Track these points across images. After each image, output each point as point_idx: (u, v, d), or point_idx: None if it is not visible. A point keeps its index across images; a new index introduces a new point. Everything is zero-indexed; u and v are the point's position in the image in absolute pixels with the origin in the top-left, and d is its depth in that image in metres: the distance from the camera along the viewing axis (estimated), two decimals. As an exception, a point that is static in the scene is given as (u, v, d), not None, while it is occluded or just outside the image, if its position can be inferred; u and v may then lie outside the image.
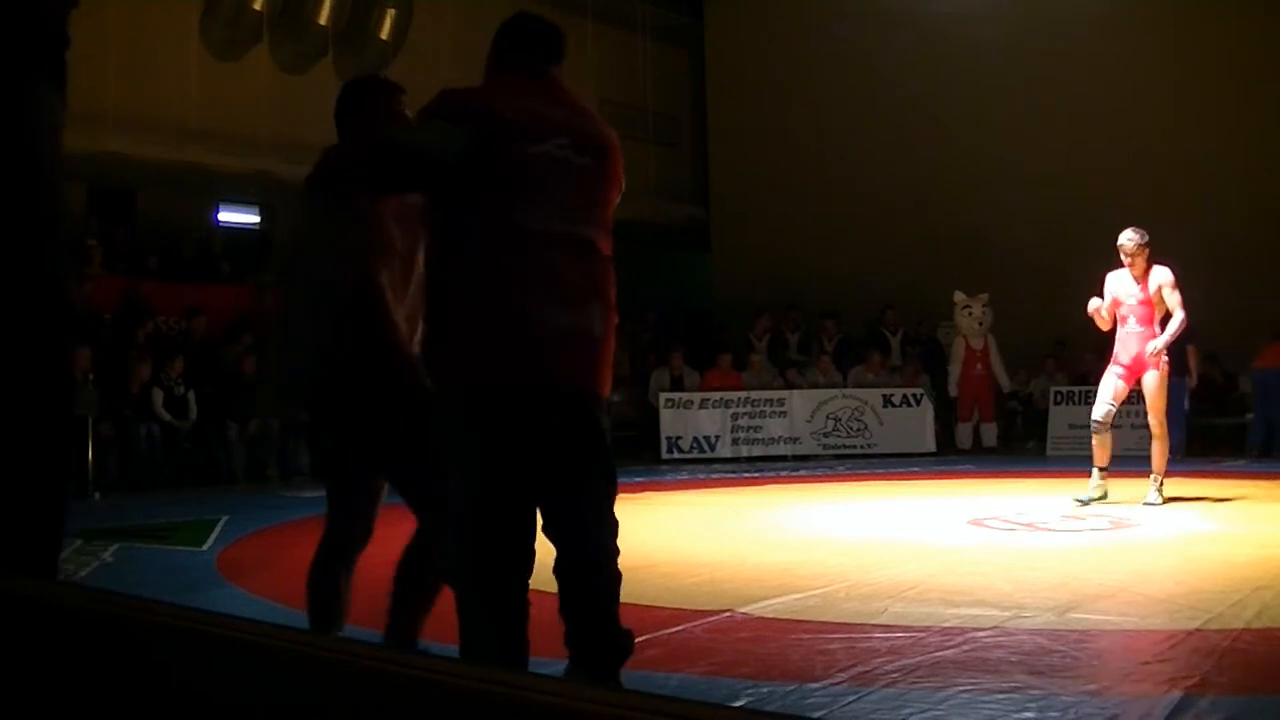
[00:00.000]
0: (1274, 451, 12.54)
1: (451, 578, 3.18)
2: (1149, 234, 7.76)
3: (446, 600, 5.21)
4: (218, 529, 7.42)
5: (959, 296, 14.09)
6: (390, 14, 14.52)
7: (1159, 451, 7.99)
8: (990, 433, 14.06)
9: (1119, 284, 7.90)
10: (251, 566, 6.09)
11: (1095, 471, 7.96)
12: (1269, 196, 13.66)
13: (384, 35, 14.52)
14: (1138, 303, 7.83)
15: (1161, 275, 7.78)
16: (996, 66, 15.18)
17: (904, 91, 15.58)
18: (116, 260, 12.62)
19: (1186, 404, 12.23)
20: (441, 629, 4.41)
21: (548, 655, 3.74)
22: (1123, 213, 14.66)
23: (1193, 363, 12.32)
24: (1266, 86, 13.91)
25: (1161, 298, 7.78)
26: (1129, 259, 7.74)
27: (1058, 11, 15.25)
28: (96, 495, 9.79)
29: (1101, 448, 7.96)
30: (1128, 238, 7.75)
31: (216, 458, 11.15)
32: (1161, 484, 7.99)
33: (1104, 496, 7.92)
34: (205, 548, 6.73)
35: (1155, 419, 7.96)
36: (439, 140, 2.87)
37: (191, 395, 11.06)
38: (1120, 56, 14.63)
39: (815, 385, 14.00)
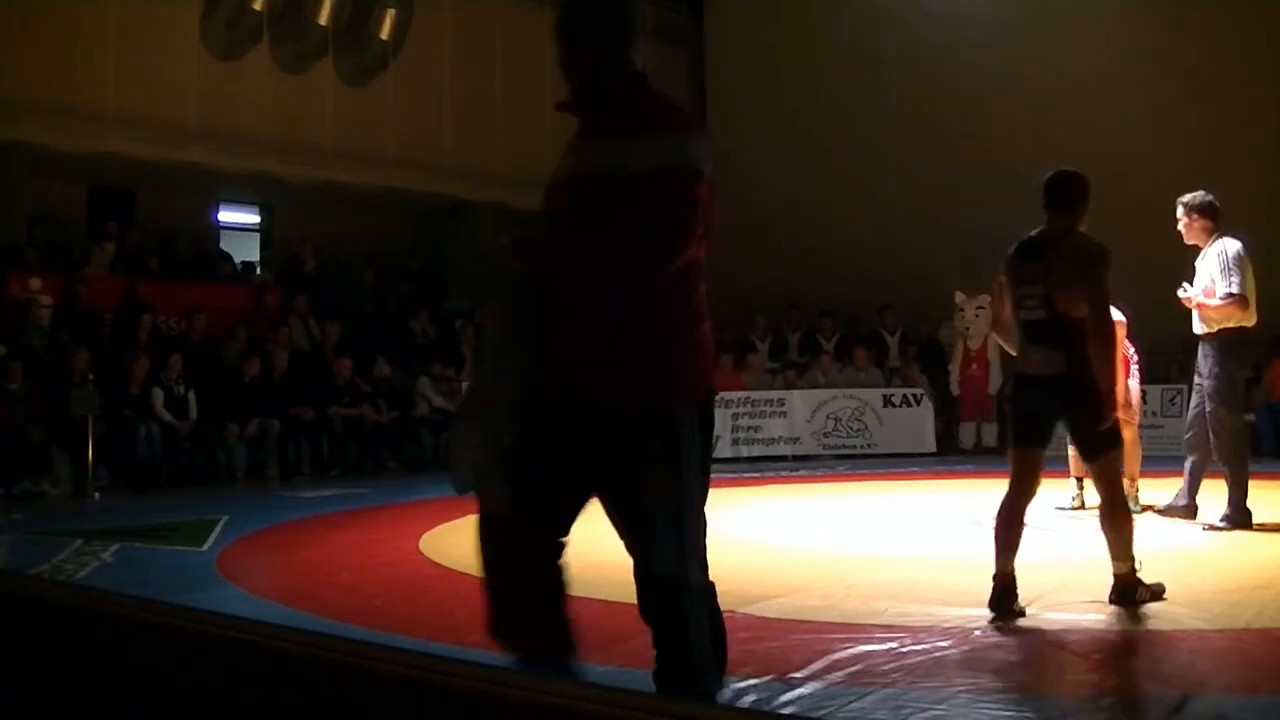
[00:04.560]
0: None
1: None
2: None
3: (447, 600, 5.22)
4: (218, 529, 7.41)
5: (959, 297, 14.08)
6: (390, 14, 14.50)
7: (1130, 455, 7.86)
8: (991, 433, 14.04)
9: None
10: (251, 566, 6.09)
11: (1073, 481, 8.02)
12: (1275, 196, 13.62)
13: (384, 35, 14.50)
14: None
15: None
16: (997, 66, 15.15)
17: (905, 91, 15.56)
18: (116, 260, 12.61)
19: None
20: (442, 629, 4.40)
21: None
22: (1124, 213, 14.72)
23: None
24: (1272, 86, 13.88)
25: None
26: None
27: (1059, 11, 15.23)
28: (96, 495, 9.78)
29: (1077, 458, 7.95)
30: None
31: (216, 458, 11.14)
32: (1136, 490, 7.84)
33: (1082, 506, 7.91)
34: (205, 548, 6.73)
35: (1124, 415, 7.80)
36: None
37: (191, 395, 11.04)
38: (1123, 56, 14.60)
39: (815, 385, 13.99)
